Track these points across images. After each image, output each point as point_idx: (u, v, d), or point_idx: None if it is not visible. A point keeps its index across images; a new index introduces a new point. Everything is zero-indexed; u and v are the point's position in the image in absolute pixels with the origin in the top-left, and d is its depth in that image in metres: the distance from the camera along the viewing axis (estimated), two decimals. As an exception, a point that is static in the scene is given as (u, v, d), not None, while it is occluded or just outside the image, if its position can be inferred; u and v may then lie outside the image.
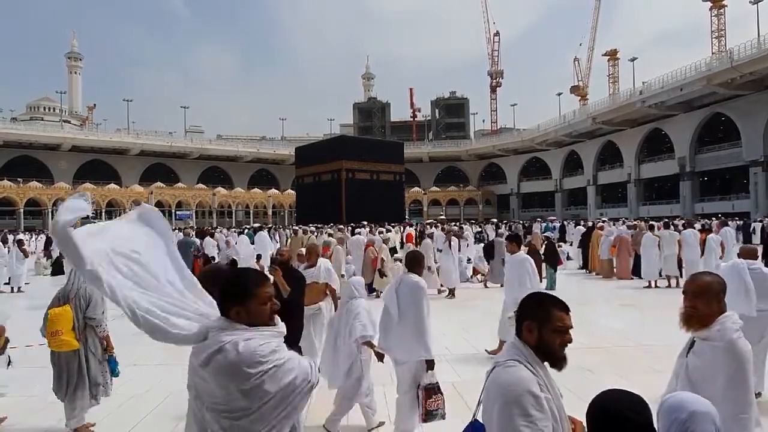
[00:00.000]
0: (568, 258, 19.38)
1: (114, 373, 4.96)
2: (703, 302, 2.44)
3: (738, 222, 26.21)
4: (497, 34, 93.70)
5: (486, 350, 7.30)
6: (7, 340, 5.01)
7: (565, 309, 1.99)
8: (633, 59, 62.77)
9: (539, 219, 40.61)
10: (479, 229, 33.03)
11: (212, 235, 20.21)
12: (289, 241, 22.71)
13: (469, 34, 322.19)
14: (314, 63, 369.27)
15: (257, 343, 1.90)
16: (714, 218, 31.41)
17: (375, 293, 12.50)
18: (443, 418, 4.07)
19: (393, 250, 18.90)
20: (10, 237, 20.14)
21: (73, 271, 4.87)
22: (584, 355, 6.74)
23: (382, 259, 12.81)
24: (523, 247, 14.36)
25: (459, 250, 16.11)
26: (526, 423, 1.75)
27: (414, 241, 16.04)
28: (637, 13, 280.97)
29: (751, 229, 28.48)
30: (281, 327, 2.11)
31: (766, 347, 4.99)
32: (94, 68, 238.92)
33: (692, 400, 1.75)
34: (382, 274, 12.53)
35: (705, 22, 64.79)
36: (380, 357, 4.52)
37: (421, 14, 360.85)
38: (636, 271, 14.78)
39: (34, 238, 33.16)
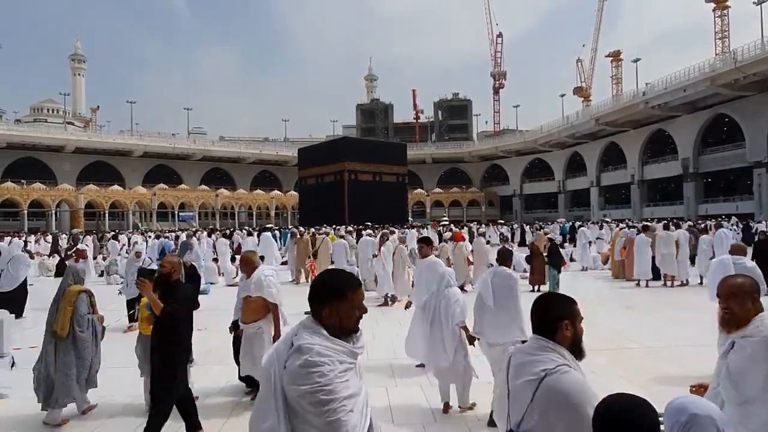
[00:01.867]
0: (571, 259, 19.35)
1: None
2: (736, 303, 2.44)
3: (731, 225, 26.40)
4: (500, 35, 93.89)
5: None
6: (103, 329, 5.48)
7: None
8: (636, 60, 62.76)
9: (558, 221, 40.60)
10: (502, 231, 33.07)
11: (227, 236, 20.41)
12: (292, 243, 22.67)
13: (472, 35, 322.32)
14: (317, 64, 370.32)
15: (324, 361, 1.82)
16: (713, 219, 31.58)
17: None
18: None
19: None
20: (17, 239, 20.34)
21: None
22: (589, 356, 6.71)
23: (447, 258, 13.02)
24: (515, 248, 14.46)
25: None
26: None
27: (463, 238, 16.20)
28: (640, 14, 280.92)
29: (754, 230, 28.57)
30: (361, 342, 2.02)
31: None
32: (98, 70, 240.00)
33: (695, 403, 1.73)
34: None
35: (708, 23, 64.78)
36: (472, 340, 5.06)
37: (423, 15, 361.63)
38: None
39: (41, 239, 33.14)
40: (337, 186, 43.86)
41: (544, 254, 13.68)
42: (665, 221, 23.56)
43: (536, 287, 13.43)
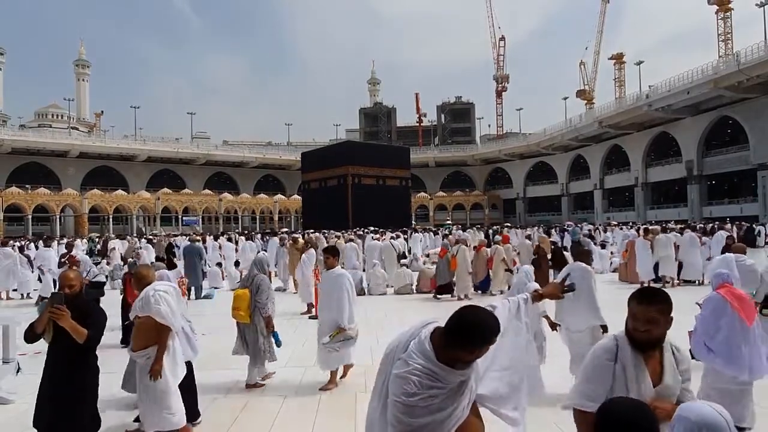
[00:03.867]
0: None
1: (277, 343, 6.28)
2: None
3: (728, 230, 26.77)
4: (503, 38, 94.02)
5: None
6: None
7: (645, 301, 2.28)
8: (639, 62, 62.81)
9: (567, 224, 40.51)
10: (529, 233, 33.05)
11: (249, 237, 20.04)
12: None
13: (475, 38, 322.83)
14: (320, 68, 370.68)
15: (415, 381, 2.01)
16: (717, 222, 31.77)
17: (489, 291, 13.23)
18: None
19: (402, 256, 18.74)
20: (15, 243, 20.45)
21: (252, 265, 6.34)
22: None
23: (503, 259, 13.32)
24: (490, 252, 14.44)
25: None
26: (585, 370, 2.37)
27: (509, 241, 16.78)
28: (643, 16, 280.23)
29: (756, 232, 28.90)
30: (471, 368, 2.14)
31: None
32: (102, 75, 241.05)
33: (688, 408, 1.75)
34: (510, 271, 13.22)
35: (711, 25, 64.60)
36: (554, 326, 5.75)
37: (425, 19, 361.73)
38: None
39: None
40: (341, 190, 43.93)
41: (548, 257, 13.65)
42: (663, 224, 23.57)
43: (540, 290, 13.41)
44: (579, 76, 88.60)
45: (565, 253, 14.08)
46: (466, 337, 1.99)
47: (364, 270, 15.84)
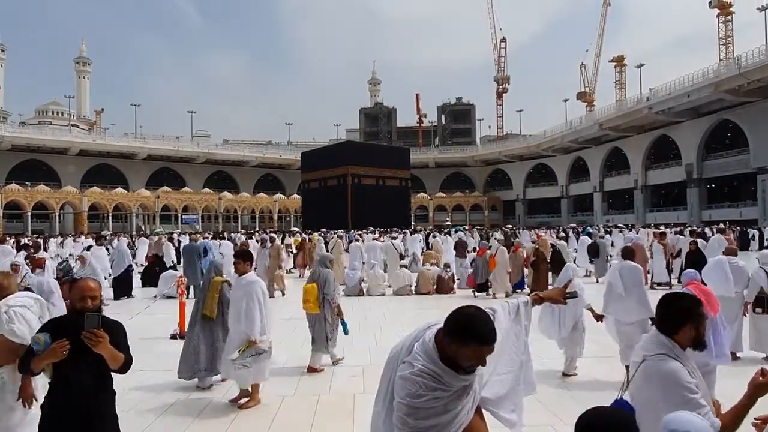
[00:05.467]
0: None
1: (345, 331, 6.99)
2: None
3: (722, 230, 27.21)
4: (504, 40, 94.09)
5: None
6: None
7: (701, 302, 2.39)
8: (640, 65, 62.76)
9: (570, 226, 40.46)
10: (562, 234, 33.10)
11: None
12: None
13: (476, 39, 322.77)
14: (321, 68, 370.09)
15: (419, 382, 2.04)
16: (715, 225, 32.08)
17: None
18: None
19: (400, 257, 18.74)
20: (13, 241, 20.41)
21: (318, 262, 7.09)
22: (593, 364, 6.70)
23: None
24: (526, 252, 14.47)
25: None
26: (688, 397, 2.10)
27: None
28: (644, 19, 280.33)
29: (750, 236, 29.17)
30: (475, 373, 2.16)
31: (742, 319, 7.05)
32: (103, 73, 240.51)
33: (681, 420, 1.74)
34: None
35: (713, 29, 64.61)
36: (599, 318, 6.21)
37: (427, 20, 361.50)
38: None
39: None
40: (341, 190, 43.97)
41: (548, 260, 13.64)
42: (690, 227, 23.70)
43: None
44: (579, 79, 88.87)
45: (566, 254, 14.12)
46: (463, 332, 2.00)
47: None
